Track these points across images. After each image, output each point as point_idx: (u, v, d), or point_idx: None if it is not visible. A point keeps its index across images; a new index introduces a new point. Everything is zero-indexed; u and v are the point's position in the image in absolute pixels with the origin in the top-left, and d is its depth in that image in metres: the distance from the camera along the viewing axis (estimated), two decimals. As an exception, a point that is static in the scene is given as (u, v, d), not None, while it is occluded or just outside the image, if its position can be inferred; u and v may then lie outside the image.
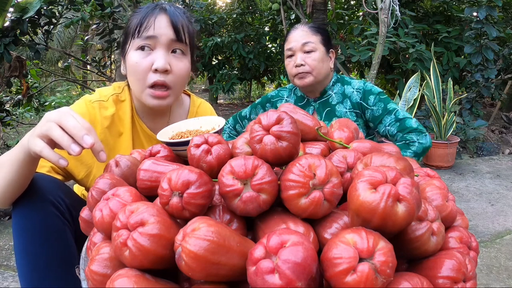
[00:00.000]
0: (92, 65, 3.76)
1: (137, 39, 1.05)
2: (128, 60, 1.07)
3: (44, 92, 4.64)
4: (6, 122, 3.56)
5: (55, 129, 0.73)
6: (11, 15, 2.83)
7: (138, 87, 1.07)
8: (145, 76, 1.05)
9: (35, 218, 0.88)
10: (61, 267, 0.90)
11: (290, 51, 1.66)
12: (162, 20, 1.04)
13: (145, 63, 1.04)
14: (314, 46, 1.62)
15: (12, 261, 2.10)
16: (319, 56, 1.62)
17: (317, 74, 1.63)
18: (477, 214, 2.72)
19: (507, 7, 4.93)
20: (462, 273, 0.55)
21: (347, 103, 1.68)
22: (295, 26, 1.71)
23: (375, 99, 1.63)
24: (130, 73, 1.08)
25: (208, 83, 8.01)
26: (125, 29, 1.12)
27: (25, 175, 0.85)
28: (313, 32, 1.64)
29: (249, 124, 0.86)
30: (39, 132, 0.75)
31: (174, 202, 0.59)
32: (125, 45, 1.10)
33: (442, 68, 4.36)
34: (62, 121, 0.73)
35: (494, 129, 4.97)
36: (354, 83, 1.69)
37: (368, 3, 3.85)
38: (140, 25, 1.04)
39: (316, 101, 1.73)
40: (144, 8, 1.08)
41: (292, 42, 1.65)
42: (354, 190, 0.54)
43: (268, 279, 0.46)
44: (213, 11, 7.12)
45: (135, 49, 1.05)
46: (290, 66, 1.67)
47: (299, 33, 1.64)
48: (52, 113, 0.76)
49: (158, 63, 1.03)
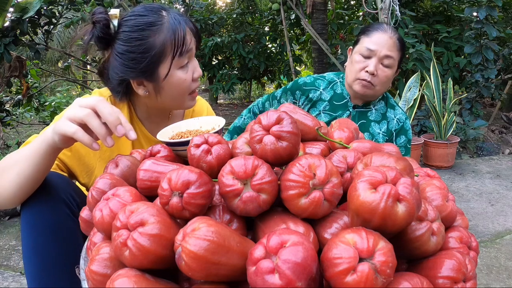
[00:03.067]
0: (92, 65, 3.76)
1: (180, 58, 1.01)
2: (172, 80, 1.02)
3: (44, 92, 4.63)
4: (6, 122, 3.57)
5: (93, 117, 0.76)
6: (11, 15, 2.83)
7: (180, 100, 1.09)
8: (189, 88, 1.07)
9: (47, 216, 0.87)
10: (70, 268, 0.88)
11: (368, 52, 1.47)
12: (189, 32, 1.04)
13: (189, 77, 1.06)
14: (393, 63, 1.48)
15: (12, 261, 2.10)
16: (391, 74, 1.50)
17: (379, 90, 1.51)
18: (477, 214, 2.72)
19: (507, 7, 4.94)
20: (462, 273, 0.55)
21: (383, 126, 1.60)
22: (384, 26, 1.52)
23: (403, 142, 1.59)
24: (174, 91, 1.05)
25: (208, 83, 8.01)
26: (149, 49, 0.97)
27: (44, 169, 0.84)
28: (398, 47, 1.49)
29: (249, 124, 0.86)
30: (72, 115, 0.76)
31: (174, 202, 0.59)
32: (155, 67, 0.99)
33: (442, 68, 4.36)
34: (99, 107, 0.76)
35: (494, 129, 4.97)
36: (398, 111, 1.62)
37: (368, 3, 3.85)
38: (178, 44, 0.99)
39: (355, 108, 1.60)
40: (165, 24, 0.99)
41: (375, 44, 1.47)
42: (354, 190, 0.54)
43: (268, 279, 0.46)
44: (213, 11, 7.13)
45: (179, 68, 1.03)
46: (360, 66, 1.48)
47: (387, 41, 1.46)
48: (85, 99, 0.78)
49: (198, 72, 1.08)
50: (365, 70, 1.47)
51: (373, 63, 1.45)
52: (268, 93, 1.84)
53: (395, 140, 1.61)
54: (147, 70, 0.99)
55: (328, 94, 1.61)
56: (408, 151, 1.61)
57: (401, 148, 1.60)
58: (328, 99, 1.62)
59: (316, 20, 4.58)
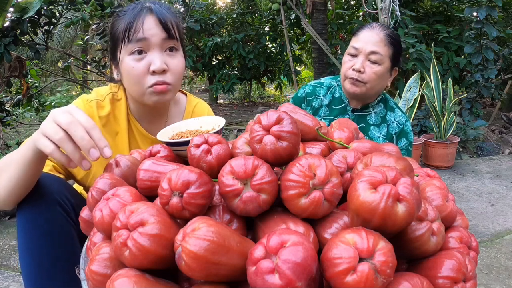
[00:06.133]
0: (92, 65, 3.76)
1: (128, 44, 1.03)
2: (123, 66, 1.06)
3: (44, 92, 4.64)
4: (6, 122, 3.56)
5: (66, 142, 0.73)
6: (11, 15, 2.83)
7: (138, 90, 1.06)
8: (143, 79, 1.04)
9: (41, 217, 0.88)
10: (66, 268, 0.89)
11: (354, 50, 1.49)
12: (150, 21, 1.03)
13: (142, 67, 1.03)
14: (381, 58, 1.46)
15: (12, 261, 2.10)
16: (381, 71, 1.47)
17: (370, 88, 1.49)
18: (477, 214, 2.72)
19: (507, 7, 4.94)
20: (462, 273, 0.55)
21: (383, 129, 1.59)
22: (372, 24, 1.52)
23: (404, 145, 1.58)
24: (127, 78, 1.07)
25: (208, 83, 8.01)
26: (112, 34, 1.08)
27: (33, 174, 0.85)
28: (386, 42, 1.47)
29: (249, 124, 0.86)
30: (49, 134, 0.74)
31: (174, 202, 0.59)
32: (115, 51, 1.07)
33: (442, 68, 4.36)
34: (71, 131, 0.73)
35: (494, 129, 4.97)
36: (397, 114, 1.61)
37: (368, 3, 3.85)
38: (129, 29, 1.02)
39: (354, 112, 1.61)
40: (129, 11, 1.05)
41: (361, 42, 1.48)
42: (354, 190, 0.54)
43: (268, 279, 0.46)
44: (213, 11, 7.13)
45: (129, 54, 1.04)
46: (348, 65, 1.50)
47: (373, 37, 1.47)
48: (59, 116, 0.74)
49: (155, 65, 1.02)
50: (352, 68, 1.48)
51: (359, 61, 1.47)
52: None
53: (396, 143, 1.60)
54: (111, 53, 1.10)
55: (327, 99, 1.64)
56: (410, 154, 1.61)
57: (403, 151, 1.59)
58: (327, 104, 1.63)
59: (316, 20, 4.58)
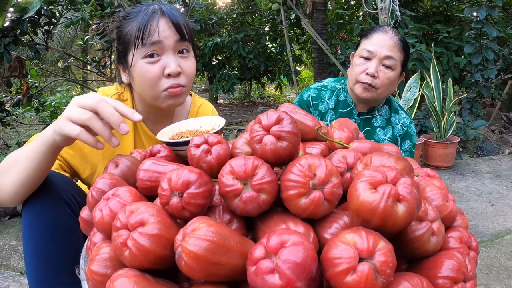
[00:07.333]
0: (92, 65, 3.76)
1: (142, 48, 1.02)
2: (136, 69, 1.04)
3: (44, 92, 4.63)
4: (6, 122, 3.57)
5: (95, 120, 0.74)
6: (11, 15, 2.83)
7: (152, 94, 1.06)
8: (158, 82, 1.04)
9: (48, 216, 0.88)
10: (71, 267, 0.88)
11: (368, 53, 1.45)
12: (163, 23, 1.02)
13: (156, 70, 1.02)
14: (394, 64, 1.44)
15: (12, 261, 2.10)
16: (393, 76, 1.45)
17: (381, 93, 1.47)
18: (477, 214, 2.72)
19: (507, 7, 4.94)
20: (462, 273, 0.55)
21: (388, 131, 1.58)
22: (384, 28, 1.50)
23: (408, 147, 1.58)
24: (141, 82, 1.05)
25: (208, 83, 8.01)
26: (122, 38, 1.06)
27: (44, 169, 0.85)
28: (400, 47, 1.45)
29: (249, 124, 0.86)
30: (75, 117, 0.75)
31: (174, 202, 0.59)
32: (126, 55, 1.06)
33: (442, 68, 4.36)
34: (99, 109, 0.74)
35: (494, 129, 4.97)
36: (402, 115, 1.60)
37: (368, 3, 3.85)
38: (143, 32, 1.01)
39: (360, 115, 1.59)
40: (141, 14, 1.04)
41: (374, 45, 1.44)
42: (354, 190, 0.54)
43: (268, 279, 0.46)
44: (213, 11, 7.13)
45: (142, 57, 1.03)
46: (360, 69, 1.46)
47: (387, 41, 1.44)
48: (84, 99, 0.75)
49: (170, 68, 1.02)
50: (365, 72, 1.44)
51: (374, 65, 1.43)
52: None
53: (400, 145, 1.60)
54: (121, 56, 1.09)
55: (332, 102, 1.61)
56: (413, 156, 1.61)
57: (406, 153, 1.59)
58: (332, 107, 1.62)
59: (316, 20, 4.58)
